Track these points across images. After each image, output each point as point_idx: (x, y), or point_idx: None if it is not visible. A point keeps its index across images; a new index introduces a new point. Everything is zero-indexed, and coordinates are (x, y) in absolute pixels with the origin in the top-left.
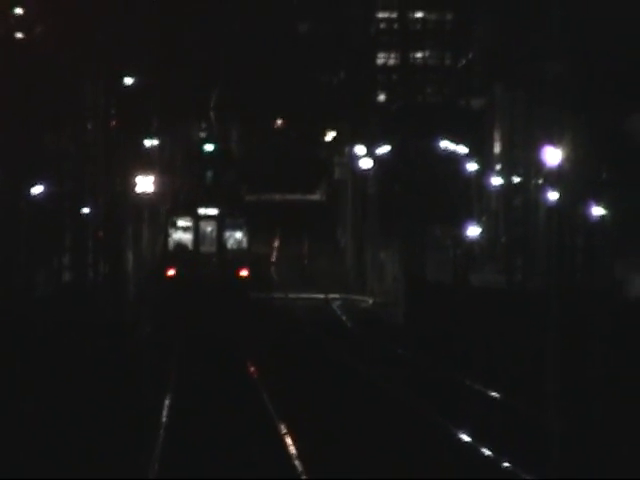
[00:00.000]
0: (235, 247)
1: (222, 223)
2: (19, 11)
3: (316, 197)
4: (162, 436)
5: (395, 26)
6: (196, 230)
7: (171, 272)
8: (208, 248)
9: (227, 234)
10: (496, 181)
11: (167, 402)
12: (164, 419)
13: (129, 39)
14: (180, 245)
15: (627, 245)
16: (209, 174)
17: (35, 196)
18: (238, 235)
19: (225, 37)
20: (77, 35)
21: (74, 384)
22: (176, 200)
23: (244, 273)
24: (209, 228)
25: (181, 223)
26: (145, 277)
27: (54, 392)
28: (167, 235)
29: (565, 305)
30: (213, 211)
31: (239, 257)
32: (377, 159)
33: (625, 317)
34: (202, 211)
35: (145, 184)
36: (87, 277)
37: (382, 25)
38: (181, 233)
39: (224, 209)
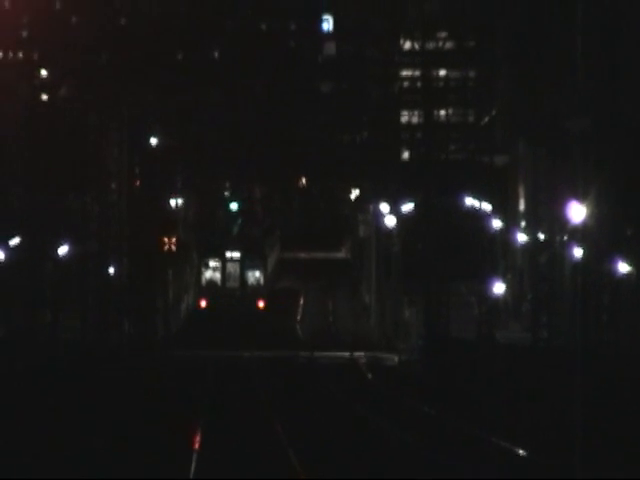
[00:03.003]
0: (254, 283)
1: (244, 264)
2: (44, 73)
3: (341, 255)
4: None
5: (418, 84)
6: (223, 269)
7: (203, 303)
8: (233, 284)
9: (248, 273)
10: (521, 238)
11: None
12: None
13: (153, 100)
14: (211, 281)
15: None
16: (235, 226)
17: (60, 257)
18: (257, 274)
19: (249, 97)
20: (101, 96)
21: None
22: (207, 246)
23: (261, 304)
24: (233, 268)
25: (212, 264)
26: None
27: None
28: (200, 273)
29: (590, 364)
30: (237, 254)
31: (257, 291)
32: (400, 217)
33: None
34: (228, 254)
35: (170, 243)
36: (111, 338)
37: (405, 83)
38: (211, 272)
39: (245, 253)
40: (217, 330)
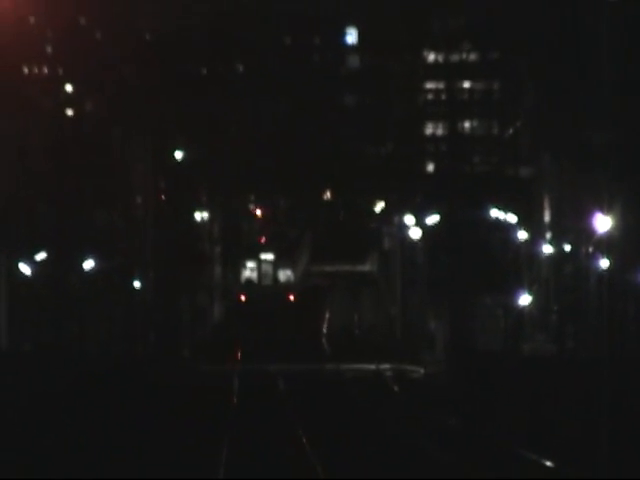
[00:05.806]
0: (286, 281)
1: (276, 265)
2: (69, 88)
3: (366, 267)
4: None
5: (442, 96)
6: (259, 269)
7: (243, 297)
8: (267, 282)
9: (280, 272)
10: (546, 249)
11: None
12: None
13: (178, 114)
14: (248, 279)
15: None
16: (261, 234)
17: (86, 271)
18: (288, 273)
19: (274, 110)
20: (125, 111)
21: None
22: (243, 250)
23: (291, 297)
24: (267, 268)
25: (249, 265)
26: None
27: None
28: (239, 273)
29: (617, 374)
30: (270, 256)
31: (288, 288)
32: (426, 229)
33: None
34: (263, 257)
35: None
36: (136, 351)
37: (429, 95)
38: (249, 272)
39: (277, 255)
40: (244, 339)
